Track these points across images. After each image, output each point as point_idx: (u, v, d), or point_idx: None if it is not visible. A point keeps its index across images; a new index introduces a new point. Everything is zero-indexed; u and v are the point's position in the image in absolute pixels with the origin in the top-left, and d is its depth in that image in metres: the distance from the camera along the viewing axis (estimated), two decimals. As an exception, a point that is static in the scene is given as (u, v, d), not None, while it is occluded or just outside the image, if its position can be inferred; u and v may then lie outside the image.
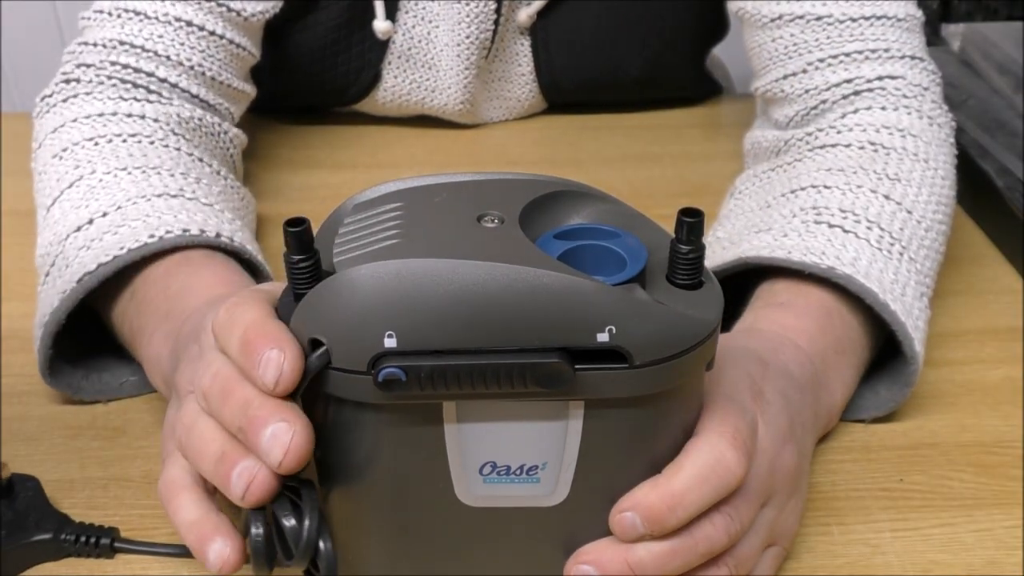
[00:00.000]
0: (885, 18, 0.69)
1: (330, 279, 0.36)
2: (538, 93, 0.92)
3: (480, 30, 0.84)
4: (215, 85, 0.72)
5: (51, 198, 0.62)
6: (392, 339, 0.36)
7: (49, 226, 0.61)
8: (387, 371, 0.36)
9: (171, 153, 0.65)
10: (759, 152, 0.74)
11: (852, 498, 0.54)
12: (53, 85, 0.69)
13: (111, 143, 0.63)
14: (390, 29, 0.84)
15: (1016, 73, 0.87)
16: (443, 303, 0.35)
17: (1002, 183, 0.77)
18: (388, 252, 0.37)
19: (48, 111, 0.68)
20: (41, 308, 0.58)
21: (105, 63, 0.68)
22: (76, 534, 0.49)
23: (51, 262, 0.59)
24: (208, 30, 0.70)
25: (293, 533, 0.39)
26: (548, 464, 0.39)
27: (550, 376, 0.36)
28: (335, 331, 0.36)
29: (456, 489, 0.40)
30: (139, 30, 0.69)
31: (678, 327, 0.37)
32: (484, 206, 0.39)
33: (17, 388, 0.61)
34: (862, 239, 0.57)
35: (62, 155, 0.64)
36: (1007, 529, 0.52)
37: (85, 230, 0.58)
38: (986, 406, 0.60)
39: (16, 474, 0.51)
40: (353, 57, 0.86)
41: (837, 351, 0.55)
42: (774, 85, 0.72)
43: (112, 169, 0.61)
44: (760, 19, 0.72)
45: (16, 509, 0.50)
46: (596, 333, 0.36)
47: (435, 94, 0.89)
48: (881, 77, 0.68)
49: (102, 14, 0.70)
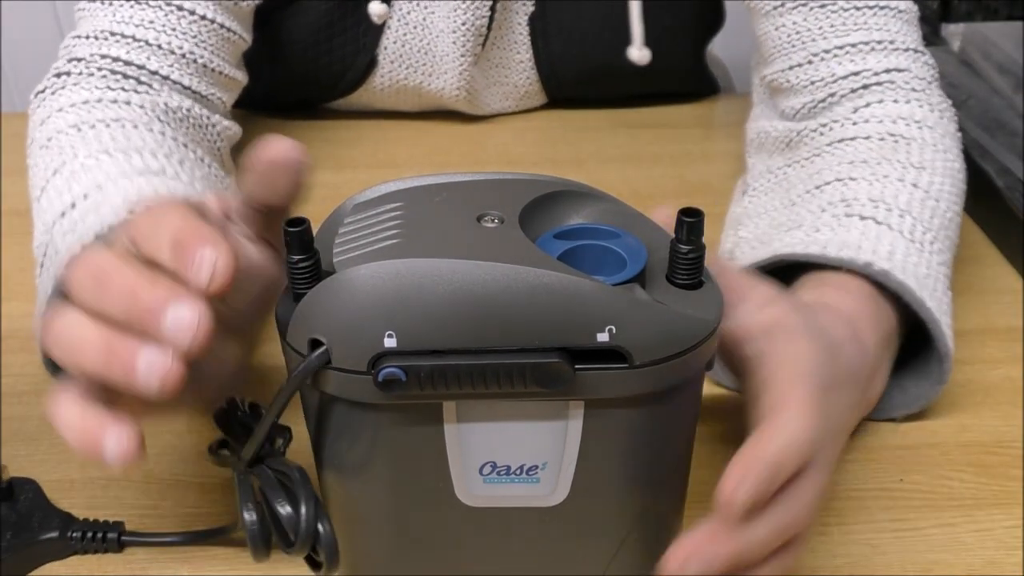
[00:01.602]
0: (888, 8, 0.69)
1: (330, 279, 0.36)
2: (537, 81, 0.92)
3: (476, 16, 0.85)
4: (207, 73, 0.71)
5: (39, 188, 0.62)
6: (392, 339, 0.36)
7: (39, 215, 0.60)
8: (387, 371, 0.36)
9: (155, 136, 0.64)
10: (766, 142, 0.74)
11: (852, 498, 0.54)
12: (46, 80, 0.69)
13: (94, 128, 0.63)
14: (385, 12, 0.84)
15: (1016, 73, 0.87)
16: (443, 303, 0.35)
17: (1002, 183, 0.77)
18: (388, 252, 0.37)
19: (39, 106, 0.68)
20: (38, 299, 0.57)
21: (95, 56, 0.68)
22: (83, 530, 0.49)
23: (43, 252, 0.59)
24: (199, 14, 0.70)
25: (290, 520, 0.39)
26: (548, 464, 0.39)
27: (550, 376, 0.36)
28: (335, 331, 0.36)
29: (456, 489, 0.40)
30: (130, 16, 0.69)
31: (678, 327, 0.37)
32: (484, 206, 0.39)
33: (17, 388, 0.61)
34: (895, 231, 0.57)
35: (47, 144, 0.63)
36: (1007, 529, 0.52)
37: (69, 215, 0.57)
38: (986, 406, 0.60)
39: (15, 477, 0.51)
40: (348, 41, 0.86)
41: (884, 345, 0.54)
42: (780, 75, 0.72)
43: (93, 153, 0.60)
44: (763, 7, 0.72)
45: (19, 511, 0.50)
46: (596, 333, 0.36)
47: (432, 78, 0.89)
48: (888, 70, 0.68)
49: (95, 3, 0.70)
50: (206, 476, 0.55)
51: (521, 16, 0.88)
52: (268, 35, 0.84)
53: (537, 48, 0.90)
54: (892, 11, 0.69)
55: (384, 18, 0.85)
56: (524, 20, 0.89)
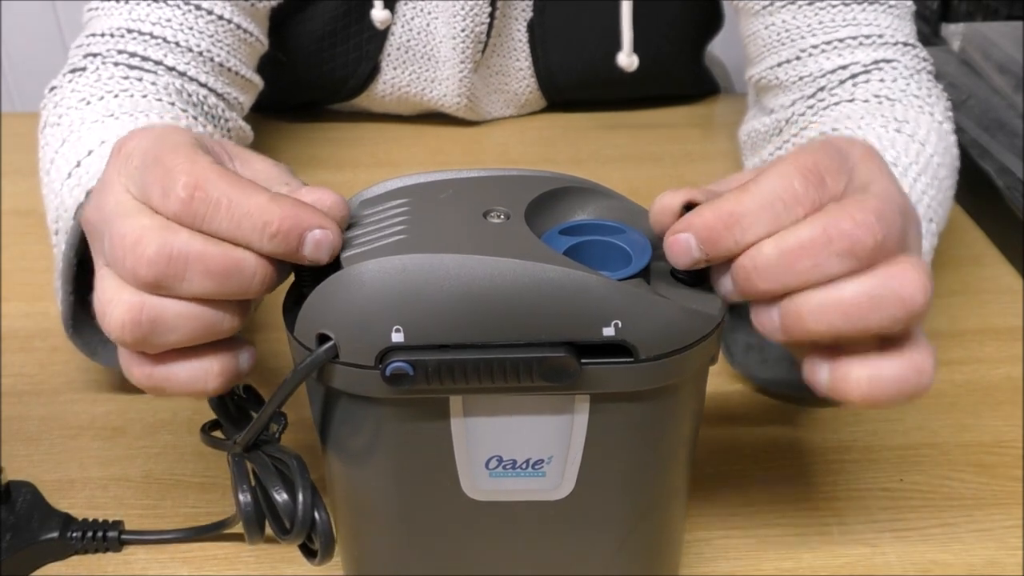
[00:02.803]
0: (878, 3, 0.69)
1: (338, 274, 0.37)
2: (536, 88, 0.93)
3: (476, 23, 0.85)
4: (224, 72, 0.71)
5: (49, 160, 0.61)
6: (399, 333, 0.36)
7: (49, 187, 0.60)
8: (395, 365, 0.36)
9: (164, 106, 0.63)
10: (756, 140, 0.74)
11: (852, 498, 0.54)
12: (60, 76, 0.69)
13: (103, 100, 0.62)
14: (388, 19, 0.84)
15: (1016, 73, 0.87)
16: (450, 298, 0.36)
17: (1002, 183, 0.77)
18: (394, 248, 0.37)
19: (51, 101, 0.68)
20: (56, 260, 0.57)
21: (112, 51, 0.67)
22: (82, 530, 0.49)
23: (56, 217, 0.58)
24: (217, 14, 0.70)
25: (286, 507, 0.39)
26: (554, 458, 0.39)
27: (556, 370, 0.36)
28: (343, 325, 0.37)
29: (462, 483, 0.40)
30: (147, 14, 0.68)
31: (683, 322, 0.37)
32: (490, 202, 0.39)
33: (17, 388, 0.61)
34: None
35: (58, 122, 0.63)
36: (1007, 529, 0.52)
37: (75, 174, 0.57)
38: (986, 406, 0.60)
39: (12, 480, 0.51)
40: (351, 48, 0.86)
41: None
42: (768, 72, 0.72)
43: (100, 117, 0.60)
44: (753, 6, 0.72)
45: (17, 513, 0.50)
46: (602, 327, 0.36)
47: (434, 86, 0.89)
48: (876, 61, 0.68)
49: (109, 1, 0.70)
50: (206, 476, 0.55)
51: (520, 23, 0.88)
52: (273, 41, 0.84)
53: (536, 56, 0.90)
54: (883, 6, 0.69)
55: (386, 24, 0.85)
56: (523, 27, 0.89)
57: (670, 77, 0.94)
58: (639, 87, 0.93)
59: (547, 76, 0.91)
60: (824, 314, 0.37)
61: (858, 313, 0.36)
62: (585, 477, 0.40)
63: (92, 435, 0.58)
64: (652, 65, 0.90)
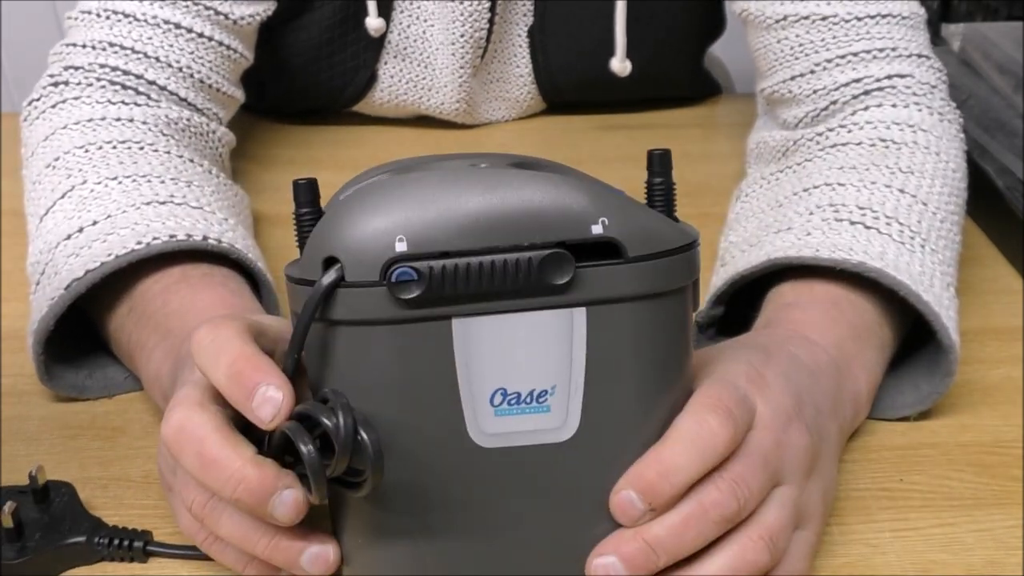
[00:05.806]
0: (891, 16, 0.69)
1: (337, 201, 0.39)
2: (536, 94, 0.92)
3: (474, 29, 0.85)
4: (204, 88, 0.71)
5: (44, 208, 0.62)
6: (403, 243, 0.38)
7: (41, 235, 0.61)
8: (400, 271, 0.38)
9: (161, 157, 0.64)
10: (764, 152, 0.74)
11: (852, 498, 0.54)
12: (40, 89, 0.69)
13: (101, 150, 0.63)
14: (381, 27, 0.84)
15: (1016, 73, 0.87)
16: (449, 206, 0.38)
17: (1002, 183, 0.77)
18: (388, 178, 0.40)
19: (38, 117, 0.68)
20: (32, 315, 0.58)
21: (94, 65, 0.68)
22: (109, 537, 0.49)
23: (41, 270, 0.59)
24: (197, 32, 0.70)
25: (335, 430, 0.39)
26: (557, 388, 0.41)
27: (553, 267, 0.38)
28: (348, 244, 0.39)
29: (468, 426, 0.40)
30: (128, 32, 0.69)
31: (665, 228, 0.41)
32: (474, 161, 0.42)
33: (17, 388, 0.61)
34: (884, 235, 0.57)
35: (55, 164, 0.63)
36: (1007, 529, 0.52)
37: (75, 238, 0.58)
38: (986, 406, 0.60)
39: (51, 480, 0.51)
40: (348, 57, 0.86)
41: (854, 338, 0.55)
42: (781, 86, 0.72)
43: (103, 179, 0.61)
44: (764, 20, 0.72)
45: (51, 514, 0.50)
46: (591, 225, 0.39)
47: (431, 93, 0.89)
48: (890, 76, 0.68)
49: (89, 15, 0.70)
50: (206, 476, 0.55)
51: (520, 28, 0.88)
52: (270, 50, 0.84)
53: (537, 62, 0.90)
54: (896, 18, 0.69)
55: (380, 32, 0.84)
56: (523, 32, 0.88)
57: (670, 80, 0.94)
58: (639, 90, 0.93)
59: (548, 81, 0.91)
60: None
61: None
62: (588, 412, 0.41)
63: (92, 435, 0.58)
64: (652, 69, 0.90)
